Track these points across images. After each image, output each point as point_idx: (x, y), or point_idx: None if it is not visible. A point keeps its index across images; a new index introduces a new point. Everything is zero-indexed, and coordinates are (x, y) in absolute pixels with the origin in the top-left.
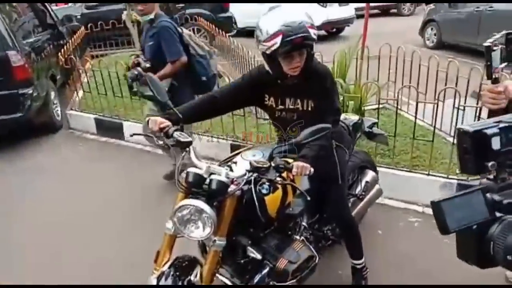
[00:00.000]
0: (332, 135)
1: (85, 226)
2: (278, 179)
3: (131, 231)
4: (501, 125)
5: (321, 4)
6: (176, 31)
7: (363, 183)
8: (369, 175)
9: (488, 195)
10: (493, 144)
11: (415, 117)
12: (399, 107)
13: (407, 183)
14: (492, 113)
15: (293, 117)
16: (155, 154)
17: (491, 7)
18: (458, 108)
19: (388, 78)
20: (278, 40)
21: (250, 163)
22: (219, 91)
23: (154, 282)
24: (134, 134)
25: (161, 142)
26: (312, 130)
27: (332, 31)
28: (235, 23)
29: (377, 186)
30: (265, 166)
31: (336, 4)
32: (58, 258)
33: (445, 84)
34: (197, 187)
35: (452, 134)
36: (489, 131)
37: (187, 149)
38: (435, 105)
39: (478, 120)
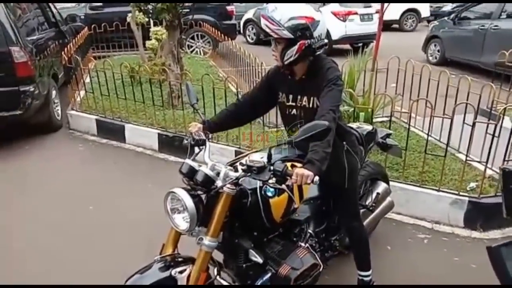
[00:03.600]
0: (346, 140)
1: (83, 230)
2: (271, 181)
3: (132, 235)
4: None
5: (340, 18)
6: None
7: (374, 195)
8: (381, 186)
9: None
10: None
11: (428, 133)
12: (405, 120)
13: (416, 198)
14: None
15: (300, 113)
16: (156, 158)
17: (496, 25)
18: (468, 124)
19: (395, 91)
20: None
21: (245, 162)
22: (242, 96)
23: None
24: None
25: (186, 141)
26: (306, 127)
27: (357, 45)
28: (239, 30)
29: (389, 199)
30: (257, 165)
31: (358, 19)
32: (58, 262)
33: (456, 100)
34: (189, 178)
35: (461, 150)
36: None
37: (201, 147)
38: (450, 120)
39: (492, 137)
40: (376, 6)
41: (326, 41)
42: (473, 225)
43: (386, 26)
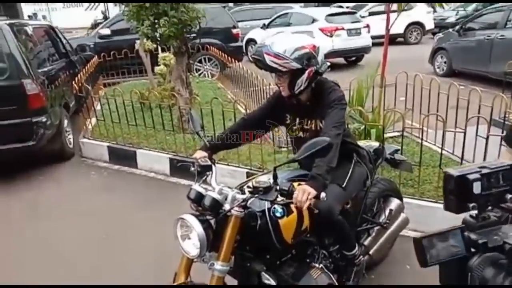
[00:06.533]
0: (358, 154)
1: (96, 260)
2: (279, 199)
3: (145, 264)
4: (483, 171)
5: (327, 34)
6: None
7: (387, 211)
8: (394, 203)
9: (466, 233)
10: (474, 188)
11: (442, 147)
12: (417, 135)
13: (433, 215)
14: None
15: (306, 135)
16: (169, 182)
17: (503, 35)
18: (482, 137)
19: (405, 105)
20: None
21: (251, 184)
22: (248, 115)
23: None
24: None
25: (193, 169)
26: (308, 144)
27: (351, 59)
28: (246, 53)
29: (403, 215)
30: (263, 186)
31: (345, 34)
32: None
33: (467, 111)
34: (197, 203)
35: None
36: (471, 176)
37: (208, 173)
38: (463, 134)
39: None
40: (366, 21)
41: (328, 63)
42: None
43: (391, 40)
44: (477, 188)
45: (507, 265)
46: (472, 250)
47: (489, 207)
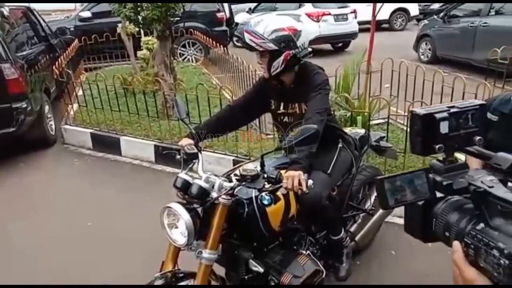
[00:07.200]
0: (343, 139)
1: (81, 248)
2: (267, 186)
3: (131, 252)
4: (452, 110)
5: (314, 19)
6: None
7: (372, 198)
8: None
9: (431, 175)
10: (441, 128)
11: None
12: (402, 122)
13: None
14: None
15: (291, 120)
16: (154, 169)
17: (486, 22)
18: None
19: (390, 92)
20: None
21: (239, 171)
22: (234, 101)
23: None
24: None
25: (178, 157)
26: (296, 131)
27: (338, 45)
28: (230, 37)
29: None
30: (250, 174)
31: (332, 19)
32: (56, 281)
33: (451, 99)
34: (183, 192)
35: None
36: (438, 115)
37: (194, 160)
38: None
39: None
40: (353, 6)
41: (310, 49)
42: None
43: (376, 26)
44: (444, 127)
45: (472, 209)
46: (437, 193)
47: (456, 150)
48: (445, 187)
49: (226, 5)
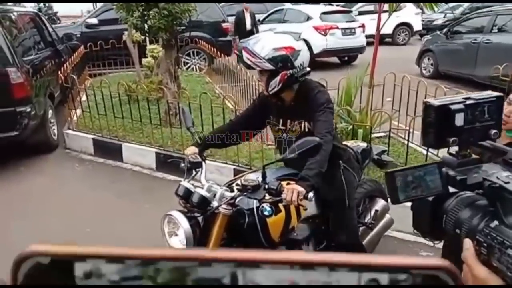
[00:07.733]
0: (342, 158)
1: None
2: (267, 197)
3: None
4: (468, 102)
5: (321, 32)
6: None
7: (372, 212)
8: (379, 203)
9: (444, 169)
10: (456, 120)
11: (427, 149)
12: (403, 136)
13: None
14: None
15: (291, 138)
16: (154, 176)
17: (488, 39)
18: None
19: (392, 106)
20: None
21: (240, 181)
22: (236, 116)
23: None
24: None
25: (182, 165)
26: (297, 144)
27: (344, 59)
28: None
29: (388, 215)
30: (251, 184)
31: (339, 33)
32: None
33: None
34: (185, 200)
35: None
36: (454, 107)
37: (197, 169)
38: None
39: None
40: (361, 20)
41: (308, 69)
42: None
43: (380, 40)
44: (459, 120)
45: (485, 205)
46: (450, 188)
47: (471, 144)
48: (458, 182)
49: (248, 14)
